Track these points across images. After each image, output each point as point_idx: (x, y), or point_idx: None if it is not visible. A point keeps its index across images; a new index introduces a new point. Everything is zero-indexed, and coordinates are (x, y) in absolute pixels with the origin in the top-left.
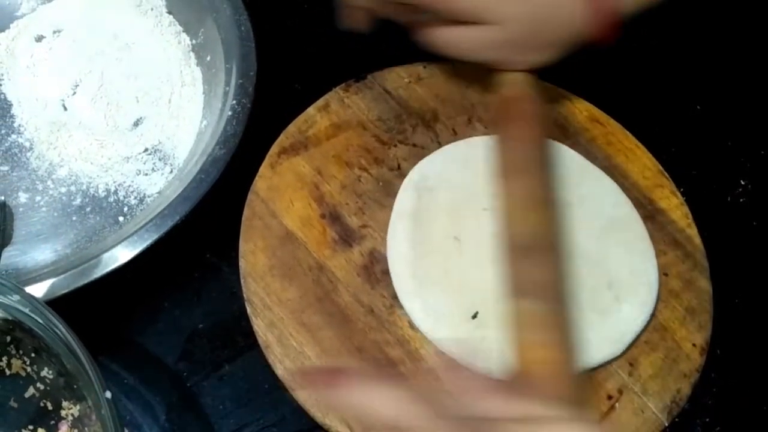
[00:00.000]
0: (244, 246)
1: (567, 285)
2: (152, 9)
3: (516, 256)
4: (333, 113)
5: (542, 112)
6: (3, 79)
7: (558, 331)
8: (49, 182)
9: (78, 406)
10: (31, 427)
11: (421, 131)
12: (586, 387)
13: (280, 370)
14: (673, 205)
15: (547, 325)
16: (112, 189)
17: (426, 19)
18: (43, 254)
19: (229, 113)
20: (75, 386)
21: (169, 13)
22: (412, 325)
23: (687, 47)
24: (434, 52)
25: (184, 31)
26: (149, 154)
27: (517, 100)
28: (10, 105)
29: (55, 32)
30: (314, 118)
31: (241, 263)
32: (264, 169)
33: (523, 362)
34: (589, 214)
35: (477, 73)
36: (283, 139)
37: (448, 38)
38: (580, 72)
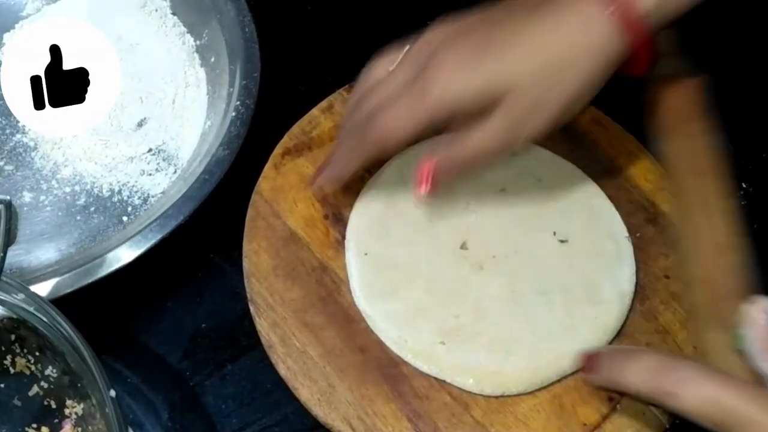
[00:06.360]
0: (247, 246)
1: None
2: (156, 10)
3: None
4: (337, 114)
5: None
6: None
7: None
8: (54, 182)
9: (82, 405)
10: (34, 426)
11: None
12: None
13: (282, 370)
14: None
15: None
16: (116, 189)
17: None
18: (47, 253)
19: (233, 114)
20: (79, 385)
21: (174, 14)
22: None
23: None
24: None
25: (188, 32)
26: (153, 155)
27: (687, 110)
28: None
29: None
30: (318, 119)
31: (245, 263)
32: (268, 169)
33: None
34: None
35: None
36: (286, 140)
37: (468, 147)
38: None
